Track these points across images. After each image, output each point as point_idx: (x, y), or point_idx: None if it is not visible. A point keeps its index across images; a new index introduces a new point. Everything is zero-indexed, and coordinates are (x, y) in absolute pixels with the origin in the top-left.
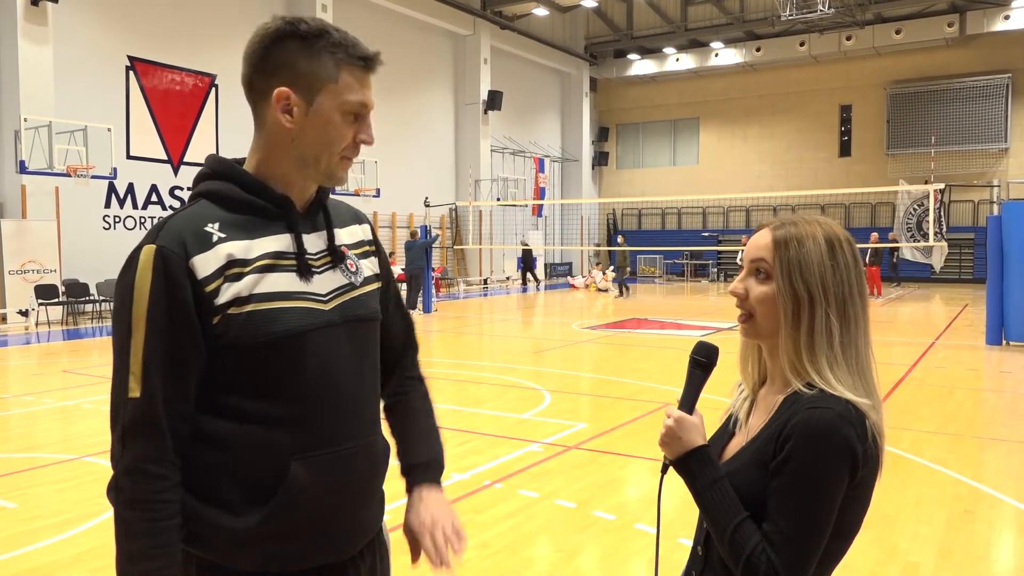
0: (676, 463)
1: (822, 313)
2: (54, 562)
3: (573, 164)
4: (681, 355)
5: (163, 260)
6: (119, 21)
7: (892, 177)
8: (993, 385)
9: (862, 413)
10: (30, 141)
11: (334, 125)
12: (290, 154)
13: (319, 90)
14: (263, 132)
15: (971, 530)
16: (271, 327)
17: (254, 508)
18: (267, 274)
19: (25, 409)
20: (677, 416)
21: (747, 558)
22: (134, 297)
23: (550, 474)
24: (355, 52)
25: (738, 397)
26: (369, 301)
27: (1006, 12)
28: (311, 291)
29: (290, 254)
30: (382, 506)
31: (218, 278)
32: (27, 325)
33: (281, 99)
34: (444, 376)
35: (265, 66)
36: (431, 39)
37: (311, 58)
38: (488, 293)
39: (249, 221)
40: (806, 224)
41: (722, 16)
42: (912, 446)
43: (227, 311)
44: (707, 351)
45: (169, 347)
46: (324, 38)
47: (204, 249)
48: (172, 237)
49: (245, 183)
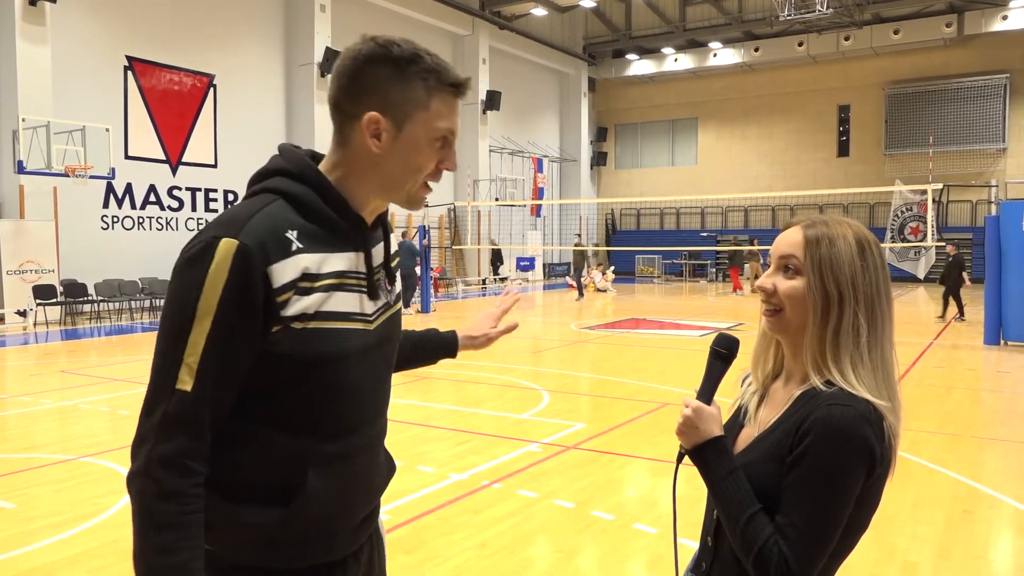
0: (692, 452)
1: (851, 312)
2: (53, 563)
3: (572, 164)
4: (680, 355)
5: (244, 260)
6: (117, 21)
7: (890, 177)
8: (991, 385)
9: (880, 414)
10: (28, 141)
11: (421, 152)
12: (373, 178)
13: (409, 116)
14: (347, 151)
15: (970, 530)
16: (326, 346)
17: (267, 509)
18: (334, 293)
19: (23, 410)
20: (696, 406)
21: (759, 550)
22: (205, 287)
23: (549, 474)
24: (447, 79)
25: (746, 389)
26: (398, 319)
27: (1004, 12)
28: (363, 312)
29: (358, 274)
30: (378, 507)
31: (290, 290)
32: (25, 325)
33: (371, 124)
34: (443, 376)
35: (354, 88)
36: (430, 39)
37: (403, 83)
38: (486, 293)
39: (322, 234)
40: (837, 224)
41: (720, 16)
42: (911, 446)
43: (291, 324)
44: (728, 343)
45: (230, 348)
46: (417, 63)
47: (283, 257)
48: (255, 237)
49: (328, 195)
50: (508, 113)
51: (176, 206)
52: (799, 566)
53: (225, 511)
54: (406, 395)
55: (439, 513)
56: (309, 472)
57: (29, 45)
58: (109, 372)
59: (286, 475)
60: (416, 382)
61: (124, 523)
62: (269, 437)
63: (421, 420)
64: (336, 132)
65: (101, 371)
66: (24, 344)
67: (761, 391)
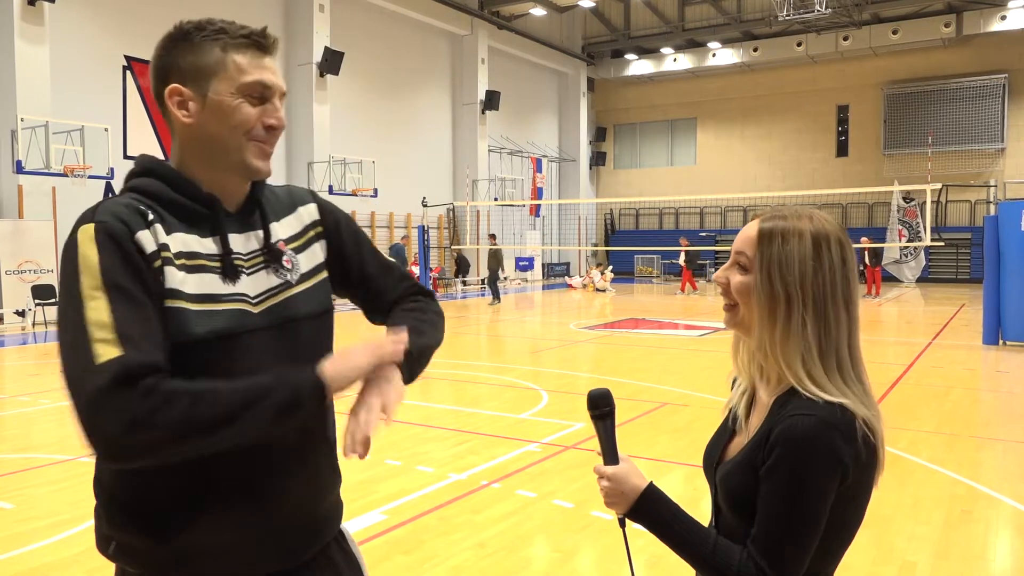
0: (631, 514)
1: (798, 314)
2: (51, 563)
3: (570, 164)
4: (679, 355)
5: (107, 232)
6: (116, 21)
7: (889, 177)
8: (990, 385)
9: (851, 414)
10: (27, 141)
11: (232, 109)
12: (201, 152)
13: (210, 77)
14: (175, 138)
15: (968, 530)
16: (193, 327)
17: (186, 522)
18: (193, 274)
19: (22, 410)
20: (609, 473)
21: (737, 572)
22: (80, 270)
23: (548, 474)
24: (238, 32)
25: (736, 391)
26: (309, 298)
27: (1003, 12)
28: (240, 292)
29: (214, 255)
30: (333, 517)
31: (157, 259)
32: (24, 325)
33: (173, 96)
34: (442, 376)
35: (158, 73)
36: (429, 39)
37: (194, 50)
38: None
39: (175, 220)
40: (796, 219)
41: (719, 16)
42: (909, 446)
43: (164, 301)
44: (596, 402)
45: (139, 309)
46: (206, 28)
47: (144, 227)
48: (110, 214)
49: (173, 181)
50: (507, 113)
51: None
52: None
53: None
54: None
55: (438, 513)
56: (221, 475)
57: (28, 45)
58: None
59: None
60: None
61: None
62: None
63: (420, 420)
64: (168, 126)
65: None
66: (23, 344)
67: (749, 392)
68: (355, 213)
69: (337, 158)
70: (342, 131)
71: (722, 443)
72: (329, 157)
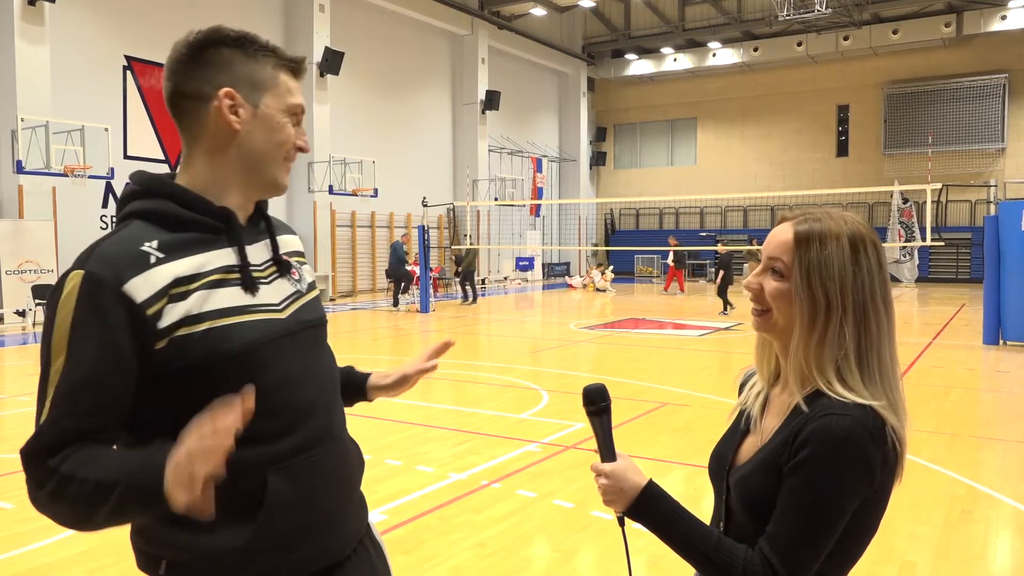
0: (630, 512)
1: (837, 319)
2: (51, 563)
3: (571, 164)
4: (679, 355)
5: (89, 287)
6: (116, 21)
7: (889, 177)
8: (990, 385)
9: (881, 419)
10: (27, 141)
11: (281, 125)
12: (234, 161)
13: (263, 91)
14: (202, 142)
15: (968, 530)
16: (229, 344)
17: (237, 528)
18: (216, 290)
19: (22, 410)
20: (608, 470)
21: (743, 568)
22: (56, 324)
23: (548, 474)
24: (285, 57)
25: (749, 393)
26: (316, 306)
27: (1003, 12)
28: (265, 302)
29: (234, 267)
30: (364, 507)
31: (160, 299)
32: (24, 325)
33: (228, 98)
34: (442, 376)
35: (198, 71)
36: (429, 39)
37: (247, 60)
38: (486, 293)
39: (189, 239)
40: (831, 220)
41: (720, 16)
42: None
43: (175, 333)
44: (593, 396)
45: (89, 379)
46: (256, 42)
47: (141, 270)
48: (102, 262)
49: (183, 199)
50: (507, 113)
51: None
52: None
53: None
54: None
55: (438, 513)
56: (269, 478)
57: (28, 45)
58: None
59: (245, 488)
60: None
61: None
62: None
63: (420, 420)
64: (185, 128)
65: None
66: (23, 344)
67: (765, 393)
68: (355, 213)
69: (337, 158)
70: (342, 131)
71: (734, 445)
72: (329, 157)
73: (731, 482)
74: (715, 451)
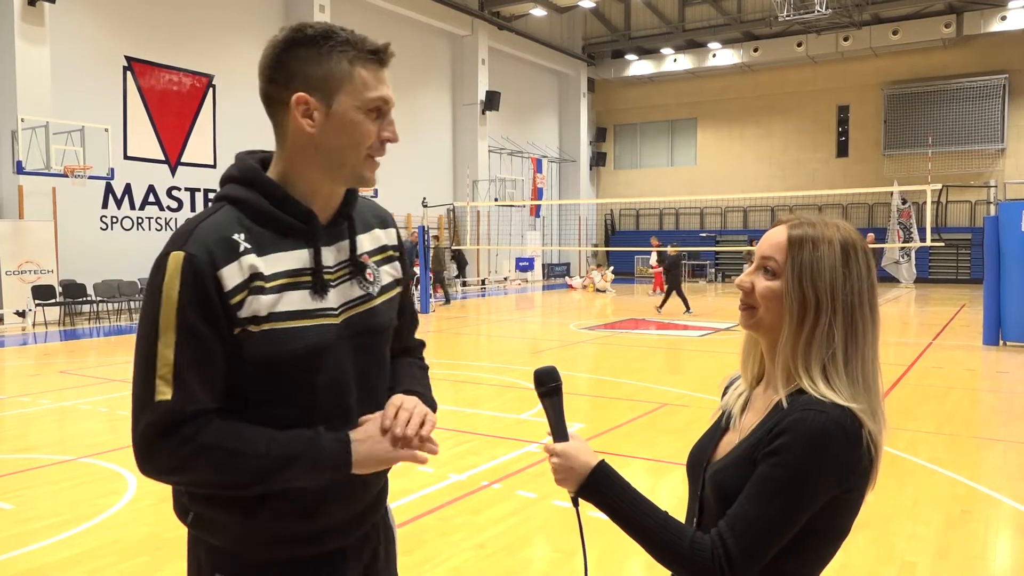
0: (581, 491)
1: (826, 320)
2: (51, 563)
3: (571, 164)
4: (679, 355)
5: (192, 268)
6: (116, 21)
7: (889, 178)
8: (990, 385)
9: (858, 421)
10: (27, 142)
11: (357, 124)
12: (315, 161)
13: (336, 90)
14: (285, 143)
15: (968, 530)
16: (285, 347)
17: (261, 509)
18: (286, 292)
19: (22, 410)
20: (559, 449)
21: (690, 543)
22: (162, 302)
23: (548, 474)
24: (365, 47)
25: (732, 393)
26: (385, 311)
27: (1003, 13)
28: (325, 307)
29: (307, 271)
30: (383, 495)
31: (243, 291)
32: (24, 326)
33: (300, 104)
34: (442, 377)
35: (279, 76)
36: (429, 40)
37: (322, 60)
38: (486, 293)
39: (271, 235)
40: (824, 226)
41: (720, 17)
42: (909, 446)
43: (247, 326)
44: (548, 377)
45: (200, 354)
46: (332, 38)
47: (231, 260)
48: (201, 245)
49: (272, 194)
50: (507, 113)
51: (175, 206)
52: (741, 556)
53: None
54: None
55: (438, 514)
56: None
57: (28, 45)
58: (108, 372)
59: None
60: None
61: (123, 523)
62: None
63: None
64: (275, 128)
65: (100, 371)
66: (23, 344)
67: (747, 394)
68: None
69: None
70: None
71: (713, 442)
72: None
73: (707, 475)
74: (694, 447)
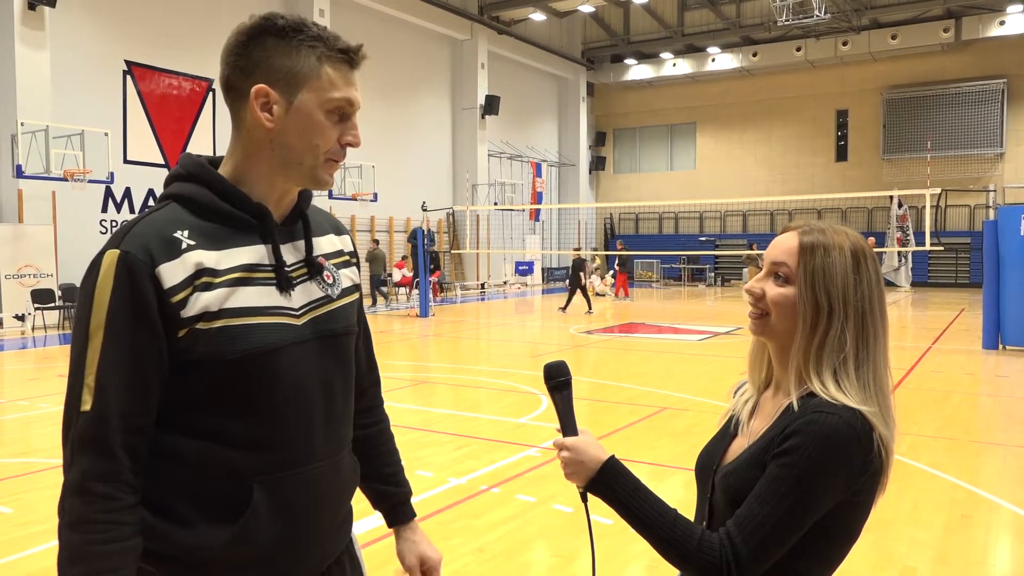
0: (591, 486)
1: (838, 326)
2: (50, 567)
3: (570, 169)
4: (679, 359)
5: (127, 266)
6: (116, 26)
7: (888, 182)
8: (990, 389)
9: (869, 424)
10: (27, 146)
11: (317, 124)
12: (271, 156)
13: (300, 86)
14: (242, 134)
15: (968, 535)
16: (241, 344)
17: (216, 529)
18: (239, 287)
19: (21, 414)
20: (569, 443)
21: (699, 542)
22: (93, 305)
23: (548, 479)
24: (335, 45)
25: (739, 398)
26: (346, 314)
27: (1001, 18)
28: (285, 305)
29: (266, 267)
30: (349, 521)
31: (186, 288)
32: (23, 330)
33: (260, 96)
34: (441, 380)
35: (243, 64)
36: (428, 44)
37: (289, 52)
38: (486, 298)
39: (222, 230)
40: (834, 233)
41: (719, 21)
42: (909, 450)
43: (195, 325)
44: (558, 371)
45: (128, 360)
46: (302, 32)
47: (172, 257)
48: (137, 242)
49: (220, 189)
50: (507, 118)
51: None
52: (748, 557)
53: (169, 534)
54: (404, 399)
55: (437, 518)
56: (255, 487)
57: (28, 50)
58: None
59: (230, 491)
60: (414, 386)
61: None
62: (206, 451)
63: (419, 424)
64: (232, 118)
65: None
66: (22, 348)
67: (755, 399)
68: (355, 217)
69: None
70: None
71: (722, 447)
72: None
73: (716, 479)
74: (703, 452)
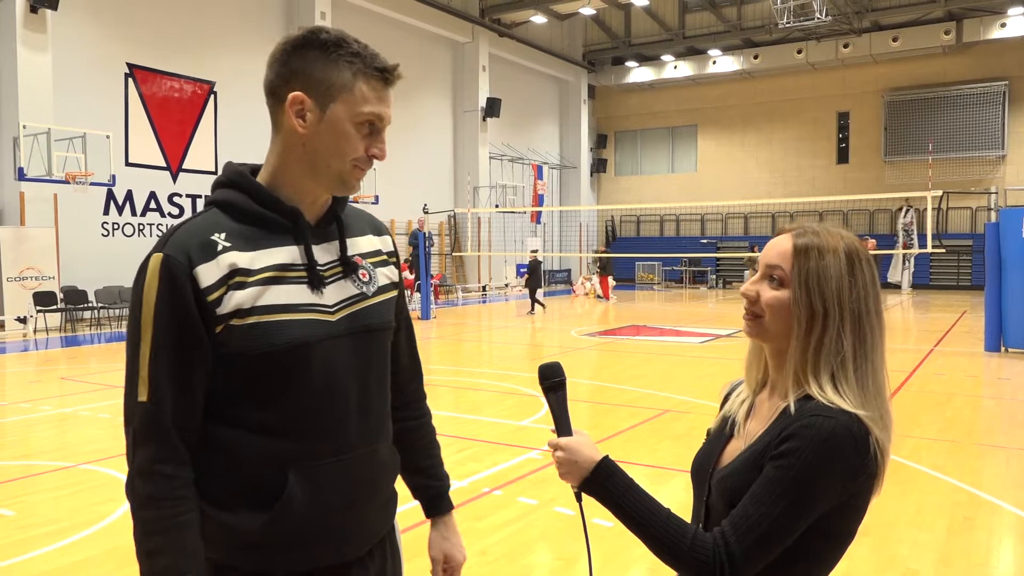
0: (585, 485)
1: (834, 328)
2: (51, 570)
3: (571, 171)
4: (680, 361)
5: (168, 269)
6: (118, 28)
7: (890, 184)
8: (992, 392)
9: (866, 428)
10: (29, 148)
11: (346, 135)
12: (302, 160)
13: (334, 98)
14: (279, 137)
15: (971, 537)
16: (272, 339)
17: (255, 514)
18: (271, 286)
19: (23, 416)
20: (564, 443)
21: (692, 541)
22: (142, 304)
23: (549, 481)
24: (372, 63)
25: (735, 399)
26: (382, 311)
27: (1002, 20)
28: (318, 303)
29: (299, 266)
30: (390, 508)
31: (221, 287)
32: (25, 332)
33: (295, 103)
34: (443, 383)
35: (284, 71)
36: (430, 46)
37: (327, 65)
38: (487, 300)
39: (257, 232)
40: (828, 235)
41: (720, 24)
42: (912, 453)
43: (229, 321)
44: (552, 372)
45: (174, 356)
46: (343, 47)
47: (208, 258)
48: (178, 246)
49: (257, 195)
50: (508, 120)
51: (177, 213)
52: (742, 557)
53: (213, 518)
54: None
55: None
56: (290, 475)
57: (30, 52)
58: (109, 379)
59: (268, 479)
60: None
61: (123, 530)
62: (243, 439)
63: None
64: (272, 122)
65: (101, 378)
66: (24, 351)
67: (750, 401)
68: None
69: None
70: None
71: (718, 449)
72: None
73: (713, 482)
74: (698, 454)
